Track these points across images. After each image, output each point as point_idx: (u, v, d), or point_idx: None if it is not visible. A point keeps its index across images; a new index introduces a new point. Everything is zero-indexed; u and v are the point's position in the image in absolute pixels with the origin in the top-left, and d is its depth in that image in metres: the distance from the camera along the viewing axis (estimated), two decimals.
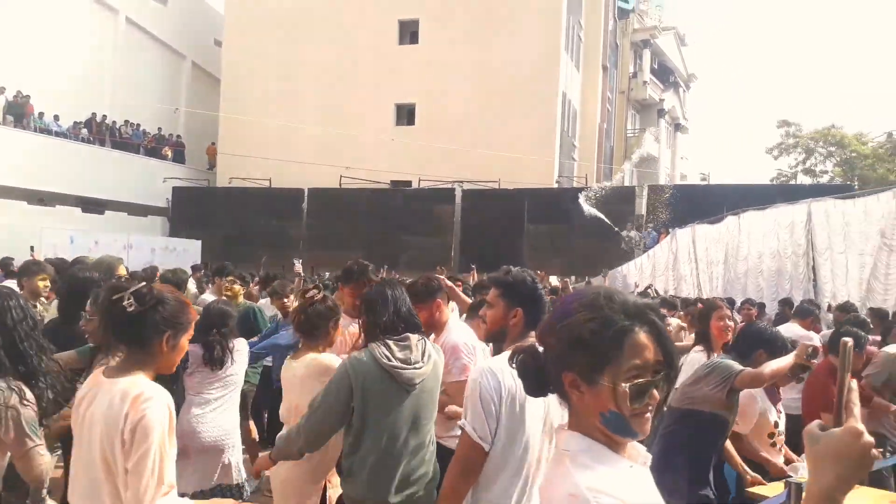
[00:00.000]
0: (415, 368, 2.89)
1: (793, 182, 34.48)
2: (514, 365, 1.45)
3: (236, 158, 26.45)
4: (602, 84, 31.76)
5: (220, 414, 4.01)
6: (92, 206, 22.90)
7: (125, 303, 2.06)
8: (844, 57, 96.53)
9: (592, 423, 1.29)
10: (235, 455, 4.07)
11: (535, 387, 1.42)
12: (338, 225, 23.67)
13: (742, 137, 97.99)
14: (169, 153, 27.50)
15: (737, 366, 3.51)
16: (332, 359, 3.35)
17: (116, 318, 2.09)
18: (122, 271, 5.26)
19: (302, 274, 6.98)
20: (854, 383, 1.16)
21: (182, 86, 29.69)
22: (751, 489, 3.74)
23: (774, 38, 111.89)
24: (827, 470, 1.06)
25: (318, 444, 2.91)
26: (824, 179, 34.93)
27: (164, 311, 2.12)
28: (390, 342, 2.91)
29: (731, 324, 4.39)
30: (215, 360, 3.95)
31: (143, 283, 2.16)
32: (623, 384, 1.24)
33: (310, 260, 18.32)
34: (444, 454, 3.10)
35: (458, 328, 3.87)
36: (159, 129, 27.90)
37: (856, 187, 22.12)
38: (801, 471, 3.72)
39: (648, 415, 1.28)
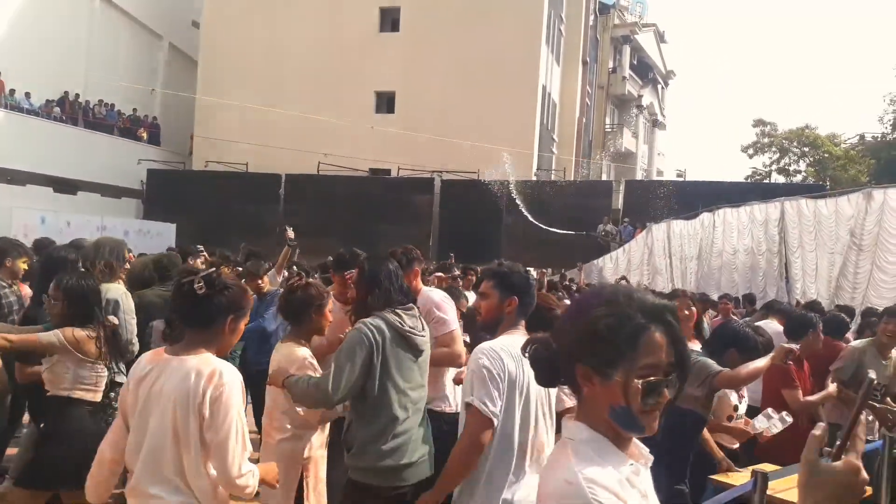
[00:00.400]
0: (421, 336, 3.03)
1: (767, 181, 35.01)
2: (527, 354, 1.48)
3: (213, 142, 26.15)
4: (582, 78, 31.92)
5: None
6: (64, 186, 22.48)
7: (196, 286, 2.21)
8: (820, 59, 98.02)
9: (600, 416, 1.31)
10: None
11: (547, 377, 1.45)
12: (315, 212, 23.51)
13: (718, 135, 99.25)
14: (144, 135, 27.08)
15: (715, 366, 3.57)
16: (303, 350, 3.38)
17: (186, 300, 2.25)
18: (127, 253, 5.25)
19: (294, 241, 6.84)
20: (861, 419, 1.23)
21: (159, 67, 29.20)
22: (714, 476, 3.79)
23: (753, 39, 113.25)
24: (820, 496, 1.11)
25: (335, 403, 2.93)
26: (797, 179, 35.53)
27: (229, 296, 2.28)
28: (399, 311, 3.00)
29: (688, 312, 4.50)
30: (175, 336, 3.96)
31: (213, 269, 2.32)
32: (635, 380, 1.26)
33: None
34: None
35: (432, 289, 4.11)
36: (134, 110, 27.43)
37: (827, 187, 22.50)
38: (762, 424, 3.83)
39: (657, 413, 1.30)
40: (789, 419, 3.84)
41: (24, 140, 20.65)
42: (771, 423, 3.81)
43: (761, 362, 3.64)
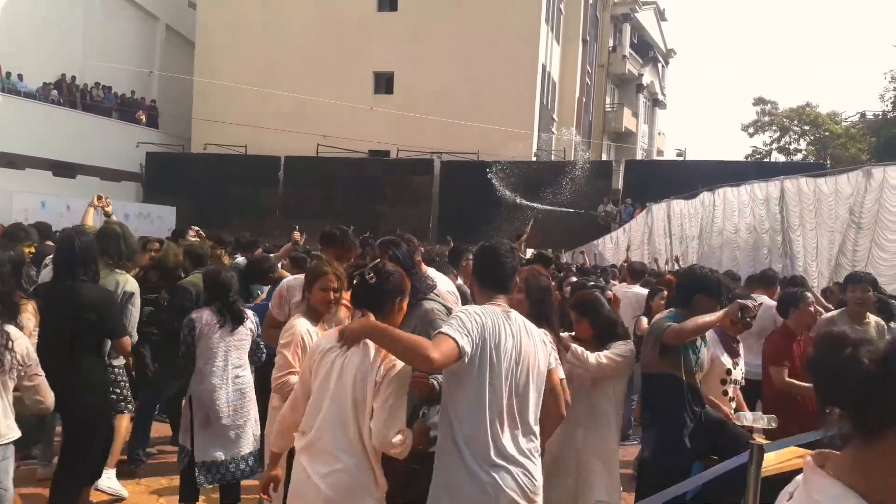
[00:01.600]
0: None
1: (767, 160, 34.90)
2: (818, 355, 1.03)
3: (211, 124, 26.06)
4: (581, 57, 31.68)
5: (235, 381, 4.10)
6: (63, 170, 22.44)
7: (367, 276, 2.60)
8: (821, 36, 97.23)
9: (886, 490, 0.89)
10: (252, 422, 4.16)
11: (832, 396, 0.95)
12: (314, 193, 23.52)
13: (719, 114, 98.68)
14: (143, 117, 26.98)
15: (664, 324, 3.58)
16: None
17: (361, 289, 2.64)
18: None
19: (300, 243, 6.96)
20: None
21: (156, 49, 29.00)
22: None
23: (753, 16, 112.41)
24: None
25: None
26: (798, 158, 35.41)
27: (393, 281, 2.66)
28: (434, 296, 3.22)
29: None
30: (232, 319, 4.08)
31: (378, 261, 2.75)
32: None
33: (285, 229, 18.22)
34: None
35: (438, 274, 4.17)
36: (133, 92, 27.31)
37: (828, 166, 22.44)
38: (747, 419, 3.85)
39: None
40: (774, 424, 3.83)
41: (23, 124, 20.59)
42: (755, 422, 3.80)
43: (712, 316, 3.58)
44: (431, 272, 4.19)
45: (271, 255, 7.09)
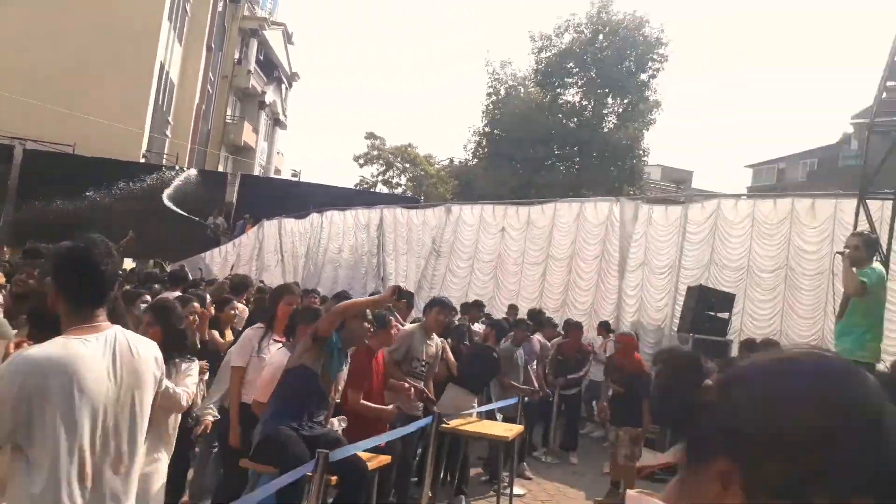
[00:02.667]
0: None
1: (373, 190, 38.10)
2: (656, 368, 0.99)
3: None
4: (205, 64, 30.63)
5: None
6: None
7: None
8: (425, 84, 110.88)
9: None
10: None
11: (663, 416, 1.03)
12: None
13: (334, 142, 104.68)
14: None
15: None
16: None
17: None
18: None
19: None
20: None
21: None
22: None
23: (374, 56, 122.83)
24: None
25: None
26: (399, 191, 39.40)
27: None
28: None
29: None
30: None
31: None
32: None
33: None
34: None
35: None
36: None
37: (421, 201, 25.36)
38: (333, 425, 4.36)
39: None
40: (344, 424, 4.45)
41: None
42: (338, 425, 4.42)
43: (365, 298, 4.58)
44: None
45: None
